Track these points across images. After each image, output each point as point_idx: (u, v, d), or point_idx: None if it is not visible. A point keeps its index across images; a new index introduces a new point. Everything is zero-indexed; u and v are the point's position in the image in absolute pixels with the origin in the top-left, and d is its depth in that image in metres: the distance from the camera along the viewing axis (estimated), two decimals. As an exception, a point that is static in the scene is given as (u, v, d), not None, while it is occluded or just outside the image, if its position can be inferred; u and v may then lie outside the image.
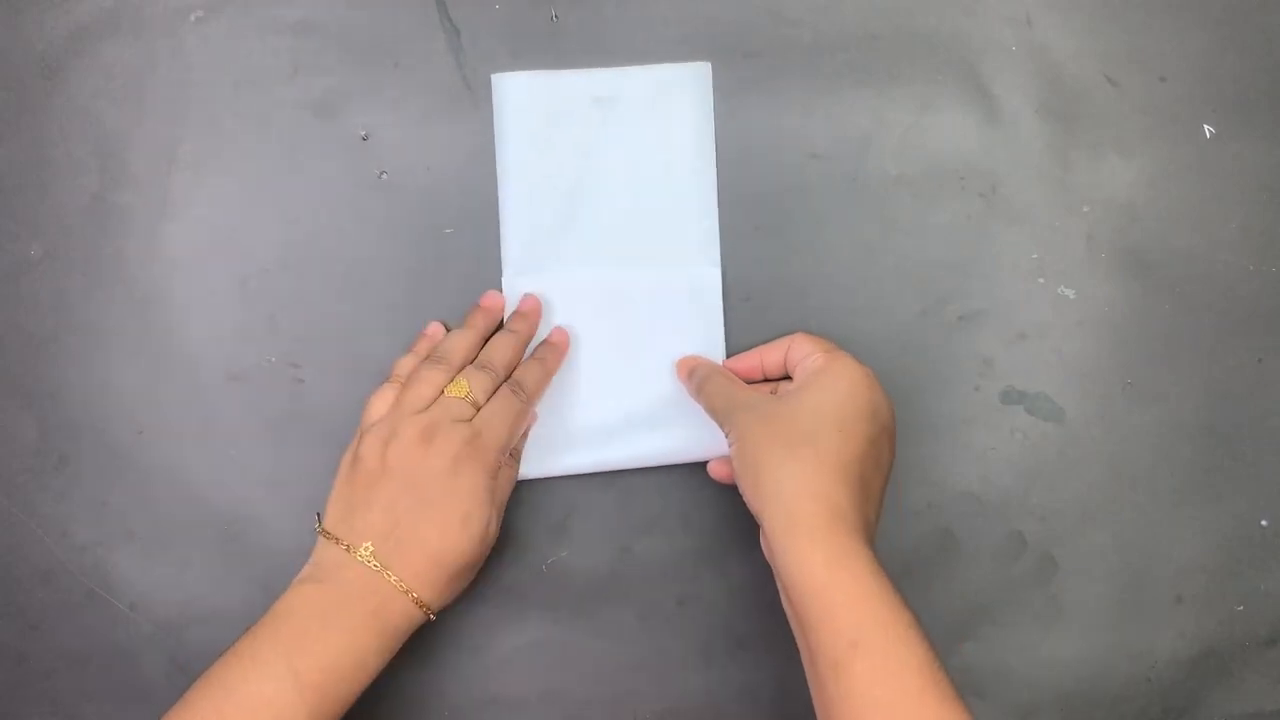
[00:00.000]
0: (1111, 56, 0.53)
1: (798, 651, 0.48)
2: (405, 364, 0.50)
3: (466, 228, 0.53)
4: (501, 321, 0.52)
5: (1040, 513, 0.53)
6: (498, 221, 0.52)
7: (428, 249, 0.53)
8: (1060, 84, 0.52)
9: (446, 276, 0.53)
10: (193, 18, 0.53)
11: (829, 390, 0.44)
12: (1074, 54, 0.52)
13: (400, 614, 0.44)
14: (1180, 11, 0.53)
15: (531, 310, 0.51)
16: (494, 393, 0.48)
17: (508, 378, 0.49)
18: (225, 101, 0.53)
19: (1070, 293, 0.53)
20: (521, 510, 0.53)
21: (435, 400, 0.47)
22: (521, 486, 0.53)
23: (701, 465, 0.52)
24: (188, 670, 0.53)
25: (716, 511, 0.53)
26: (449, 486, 0.45)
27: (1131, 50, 0.53)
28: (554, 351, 0.51)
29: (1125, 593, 0.52)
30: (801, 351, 0.47)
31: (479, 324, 0.51)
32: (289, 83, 0.53)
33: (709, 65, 0.52)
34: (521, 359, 0.51)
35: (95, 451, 0.53)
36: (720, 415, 0.46)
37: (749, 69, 0.52)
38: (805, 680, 0.43)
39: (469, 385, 0.47)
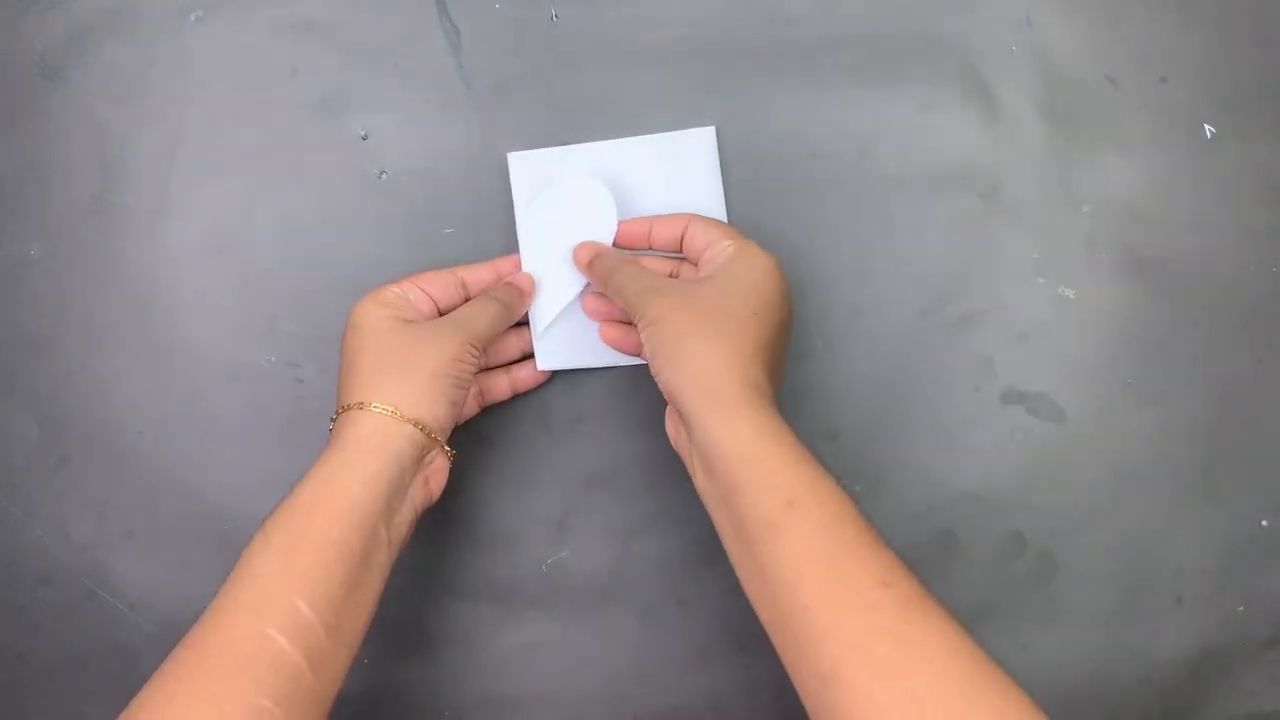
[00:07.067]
0: (1111, 56, 0.53)
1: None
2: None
3: (466, 228, 0.53)
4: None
5: (1040, 513, 0.53)
6: (497, 221, 0.53)
7: (428, 249, 0.53)
8: (1060, 84, 0.52)
9: (446, 276, 0.53)
10: (193, 18, 0.53)
11: (745, 279, 0.45)
12: (1074, 54, 0.52)
13: (351, 423, 0.44)
14: (1180, 11, 0.53)
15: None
16: None
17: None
18: (225, 101, 0.53)
19: (1070, 293, 0.53)
20: (521, 510, 0.53)
21: None
22: (521, 486, 0.53)
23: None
24: (188, 670, 0.53)
25: (716, 511, 0.53)
26: (353, 324, 0.47)
27: (1131, 50, 0.52)
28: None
29: (1125, 593, 0.52)
30: (705, 238, 0.48)
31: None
32: (289, 83, 0.53)
33: (713, 129, 0.51)
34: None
35: (95, 451, 0.54)
36: (634, 300, 0.46)
37: (749, 69, 0.52)
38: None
39: None
